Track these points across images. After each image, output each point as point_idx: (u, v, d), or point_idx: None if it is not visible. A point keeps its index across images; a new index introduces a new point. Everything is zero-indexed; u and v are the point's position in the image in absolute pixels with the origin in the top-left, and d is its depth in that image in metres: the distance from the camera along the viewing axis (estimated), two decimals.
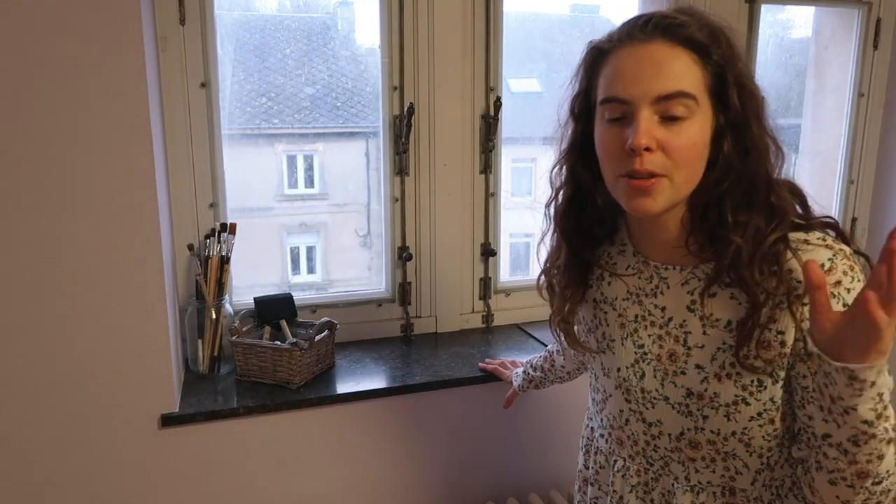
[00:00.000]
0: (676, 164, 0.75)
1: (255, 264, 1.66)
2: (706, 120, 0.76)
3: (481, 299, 1.75)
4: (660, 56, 0.74)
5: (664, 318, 0.86)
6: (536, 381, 1.33)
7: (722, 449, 0.83)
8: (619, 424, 0.93)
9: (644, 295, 0.88)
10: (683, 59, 0.74)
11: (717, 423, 0.82)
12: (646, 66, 0.75)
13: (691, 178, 0.77)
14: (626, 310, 0.90)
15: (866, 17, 1.92)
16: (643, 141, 0.73)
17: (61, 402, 1.20)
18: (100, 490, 1.26)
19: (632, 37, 0.77)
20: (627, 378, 0.90)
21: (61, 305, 1.16)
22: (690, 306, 0.83)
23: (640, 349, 0.88)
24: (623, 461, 0.94)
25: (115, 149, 1.14)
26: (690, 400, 0.83)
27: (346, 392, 1.38)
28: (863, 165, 2.03)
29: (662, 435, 0.87)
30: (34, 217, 1.12)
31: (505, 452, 1.54)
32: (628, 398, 0.90)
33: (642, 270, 0.89)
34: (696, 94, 0.74)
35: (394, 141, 1.59)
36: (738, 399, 0.79)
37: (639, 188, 0.76)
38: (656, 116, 0.74)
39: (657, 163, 0.75)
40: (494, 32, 1.62)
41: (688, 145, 0.74)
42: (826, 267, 0.73)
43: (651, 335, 0.87)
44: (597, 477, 1.00)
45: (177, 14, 1.38)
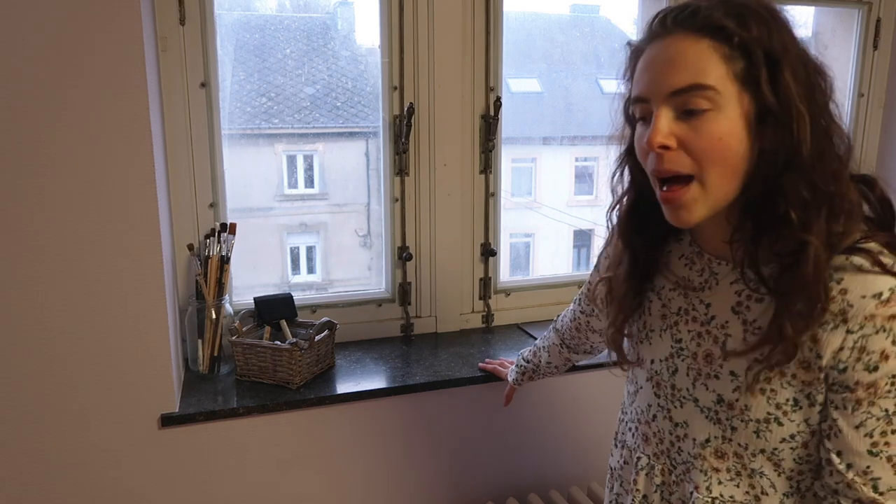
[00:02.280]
0: (702, 163, 0.70)
1: (255, 264, 1.66)
2: (735, 110, 0.69)
3: (481, 299, 1.75)
4: (673, 49, 0.71)
5: (707, 316, 0.81)
6: (529, 371, 1.33)
7: (749, 465, 0.78)
8: (646, 419, 0.89)
9: (691, 288, 0.83)
10: (701, 48, 0.69)
11: (745, 437, 0.77)
12: (660, 61, 0.72)
13: (727, 175, 0.71)
14: (670, 300, 0.86)
15: (866, 17, 1.92)
16: (657, 139, 0.70)
17: (61, 402, 1.20)
18: (100, 490, 1.26)
19: (655, 33, 0.74)
20: (659, 371, 0.86)
21: (61, 305, 1.16)
22: (736, 308, 0.78)
23: (678, 343, 0.84)
24: (647, 458, 0.90)
25: (115, 149, 1.14)
26: (720, 407, 0.78)
27: (346, 392, 1.38)
28: (863, 165, 2.00)
29: (688, 437, 0.83)
30: (34, 217, 1.12)
31: (505, 452, 1.54)
32: (658, 392, 0.87)
33: (695, 262, 0.84)
34: (714, 84, 0.69)
35: (394, 141, 1.59)
36: (771, 417, 0.74)
37: (672, 201, 0.73)
38: (674, 113, 0.71)
39: (680, 162, 0.71)
40: (494, 32, 1.61)
41: (711, 140, 0.69)
42: (885, 297, 0.65)
43: (691, 331, 0.83)
44: (620, 472, 0.96)
45: (177, 14, 1.38)
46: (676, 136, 0.70)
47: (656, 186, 0.76)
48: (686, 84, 0.69)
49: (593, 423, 1.59)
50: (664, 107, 0.71)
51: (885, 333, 0.66)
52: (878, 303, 0.66)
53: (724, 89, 0.69)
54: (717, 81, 0.69)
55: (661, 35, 0.73)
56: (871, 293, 0.66)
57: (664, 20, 0.73)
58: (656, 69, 0.72)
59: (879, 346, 0.66)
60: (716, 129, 0.69)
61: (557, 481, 1.59)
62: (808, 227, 0.68)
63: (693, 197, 0.72)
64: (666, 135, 0.70)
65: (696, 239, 0.85)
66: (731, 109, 0.69)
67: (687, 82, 0.69)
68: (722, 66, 0.69)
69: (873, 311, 0.66)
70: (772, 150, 0.69)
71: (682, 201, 0.72)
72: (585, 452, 1.60)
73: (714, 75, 0.69)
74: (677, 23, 0.72)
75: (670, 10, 0.73)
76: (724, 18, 0.69)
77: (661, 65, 0.72)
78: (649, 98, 0.73)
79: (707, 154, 0.70)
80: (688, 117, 0.70)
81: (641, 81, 0.74)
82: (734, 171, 0.71)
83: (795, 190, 0.68)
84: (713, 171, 0.70)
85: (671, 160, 0.71)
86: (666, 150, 0.71)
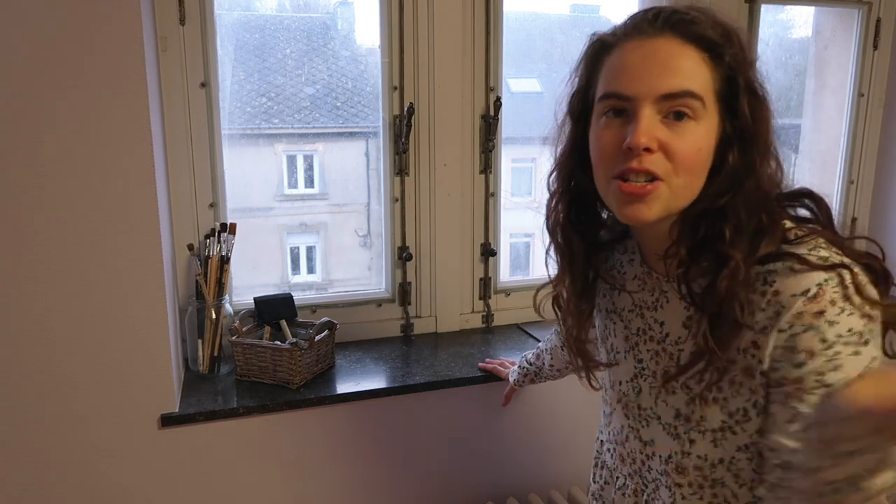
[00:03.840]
0: (677, 169, 0.70)
1: (255, 264, 1.66)
2: (712, 125, 0.71)
3: (481, 299, 1.75)
4: (667, 52, 0.70)
5: (662, 334, 0.82)
6: (532, 374, 1.33)
7: (710, 476, 0.79)
8: (620, 440, 0.91)
9: (646, 308, 0.85)
10: (693, 57, 0.70)
11: (703, 449, 0.78)
12: (652, 61, 0.70)
13: (691, 186, 0.71)
14: (630, 322, 0.87)
15: (866, 17, 1.92)
16: (643, 140, 0.68)
17: (61, 402, 1.20)
18: (100, 490, 1.26)
19: (639, 30, 0.72)
20: (626, 392, 0.88)
21: (61, 305, 1.16)
22: (686, 322, 0.79)
23: (639, 364, 0.86)
24: (624, 479, 0.92)
25: (115, 149, 1.14)
26: (678, 421, 0.80)
27: (346, 392, 1.38)
28: (863, 165, 2.03)
29: (655, 456, 0.84)
30: (34, 217, 1.12)
31: (505, 452, 1.54)
32: (627, 413, 0.88)
33: (646, 281, 0.85)
34: (703, 95, 0.69)
35: (394, 141, 1.59)
36: (725, 426, 0.76)
37: (633, 193, 0.71)
38: (659, 116, 0.70)
39: (657, 164, 0.70)
40: (494, 32, 1.61)
41: (691, 149, 0.69)
42: (811, 293, 0.66)
43: (650, 350, 0.84)
44: (601, 493, 0.98)
45: (177, 14, 1.38)
46: (658, 140, 0.69)
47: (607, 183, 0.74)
48: (679, 89, 0.69)
49: (594, 423, 1.59)
50: (650, 108, 0.69)
51: (812, 331, 0.66)
52: (805, 300, 0.66)
53: (709, 103, 0.70)
54: (704, 92, 0.70)
55: (648, 34, 0.71)
56: (800, 291, 0.67)
57: (654, 20, 0.71)
58: (647, 69, 0.70)
59: (806, 344, 0.66)
60: (697, 139, 0.70)
61: (558, 481, 1.59)
62: (734, 244, 0.70)
63: (657, 195, 0.71)
64: (651, 136, 0.69)
65: (645, 259, 0.85)
66: (709, 123, 0.71)
67: (680, 87, 0.69)
68: (709, 80, 0.70)
69: (801, 309, 0.66)
70: (727, 171, 0.71)
71: (645, 196, 0.70)
72: (586, 452, 1.59)
73: (703, 86, 0.70)
74: (671, 25, 0.71)
75: (660, 10, 0.72)
76: (717, 36, 0.70)
77: (654, 65, 0.70)
78: (633, 96, 0.70)
79: (685, 160, 0.70)
80: (671, 122, 0.70)
81: (623, 78, 0.71)
82: (697, 184, 0.72)
83: (736, 210, 0.70)
84: (684, 177, 0.70)
85: (650, 161, 0.70)
86: (647, 152, 0.69)
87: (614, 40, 0.74)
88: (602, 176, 0.75)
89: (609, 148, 0.73)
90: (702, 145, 0.70)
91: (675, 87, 0.69)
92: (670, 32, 0.70)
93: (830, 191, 2.05)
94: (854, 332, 0.65)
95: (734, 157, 0.71)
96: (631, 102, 0.71)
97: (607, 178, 0.74)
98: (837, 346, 0.65)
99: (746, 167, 0.71)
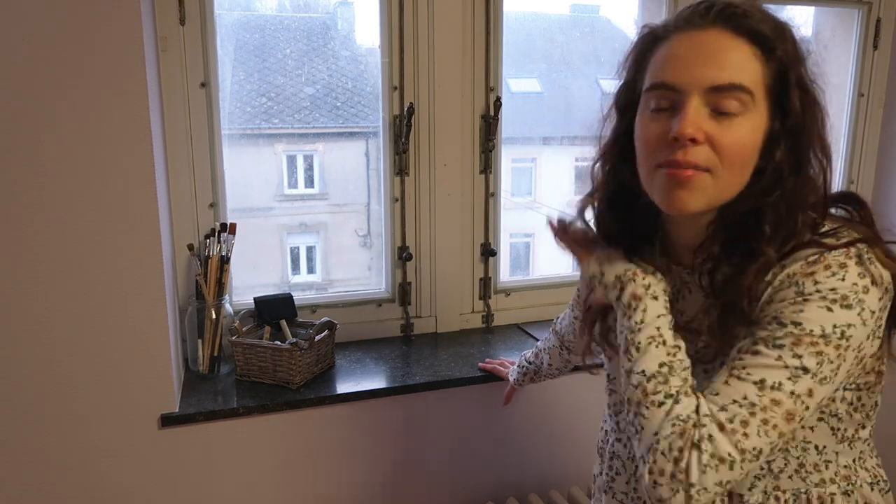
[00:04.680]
0: (723, 162, 0.69)
1: (255, 264, 1.66)
2: (760, 121, 0.70)
3: (481, 299, 1.75)
4: (718, 44, 0.69)
5: (683, 322, 0.82)
6: (531, 373, 1.33)
7: None
8: None
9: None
10: (744, 50, 0.69)
11: None
12: (701, 52, 0.69)
13: (737, 180, 0.71)
14: None
15: (866, 17, 1.92)
16: (689, 130, 0.68)
17: (61, 402, 1.20)
18: (100, 490, 1.26)
19: (690, 23, 0.71)
20: None
21: (61, 305, 1.16)
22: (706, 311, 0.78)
23: None
24: None
25: (115, 149, 1.14)
26: None
27: (346, 392, 1.38)
28: (863, 165, 2.03)
29: None
30: (33, 217, 1.12)
31: (505, 452, 1.54)
32: None
33: (665, 274, 0.83)
34: (753, 89, 0.68)
35: (394, 141, 1.59)
36: None
37: (678, 178, 0.70)
38: (707, 108, 0.69)
39: (702, 156, 0.69)
40: (494, 32, 1.61)
41: (738, 143, 0.69)
42: (811, 259, 0.67)
43: None
44: (612, 484, 0.95)
45: (177, 14, 1.38)
46: (705, 131, 0.69)
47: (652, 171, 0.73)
48: (727, 82, 0.68)
49: (594, 423, 1.58)
50: (698, 100, 0.69)
51: (794, 287, 0.67)
52: (803, 263, 0.68)
53: (758, 98, 0.69)
54: (754, 87, 0.69)
55: (699, 26, 0.70)
56: (803, 258, 0.68)
57: (706, 12, 0.70)
58: (696, 60, 0.69)
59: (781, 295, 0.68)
60: (743, 134, 0.69)
61: (558, 481, 1.59)
62: (770, 241, 0.70)
63: (702, 185, 0.70)
64: (697, 127, 0.68)
65: (667, 252, 0.85)
66: (758, 118, 0.70)
67: (728, 80, 0.68)
68: (759, 74, 0.69)
69: (796, 270, 0.68)
70: (774, 171, 0.70)
71: (690, 182, 0.70)
72: (586, 452, 1.60)
73: (753, 81, 0.69)
74: (723, 18, 0.70)
75: (713, 2, 0.71)
76: (769, 30, 0.69)
77: (703, 57, 0.69)
78: (682, 87, 0.69)
79: (732, 154, 0.69)
80: (719, 115, 0.69)
81: (672, 69, 0.71)
82: (742, 180, 0.72)
83: (778, 209, 0.70)
84: (730, 171, 0.70)
85: (695, 153, 0.69)
86: (693, 143, 0.69)
87: (665, 33, 0.74)
88: (646, 166, 0.74)
89: (654, 138, 0.72)
90: (749, 140, 0.69)
91: (724, 79, 0.68)
92: (722, 25, 0.69)
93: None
94: (837, 291, 0.66)
95: (782, 155, 0.70)
96: (678, 93, 0.70)
97: (651, 167, 0.73)
98: (810, 298, 0.66)
99: (794, 165, 0.70)
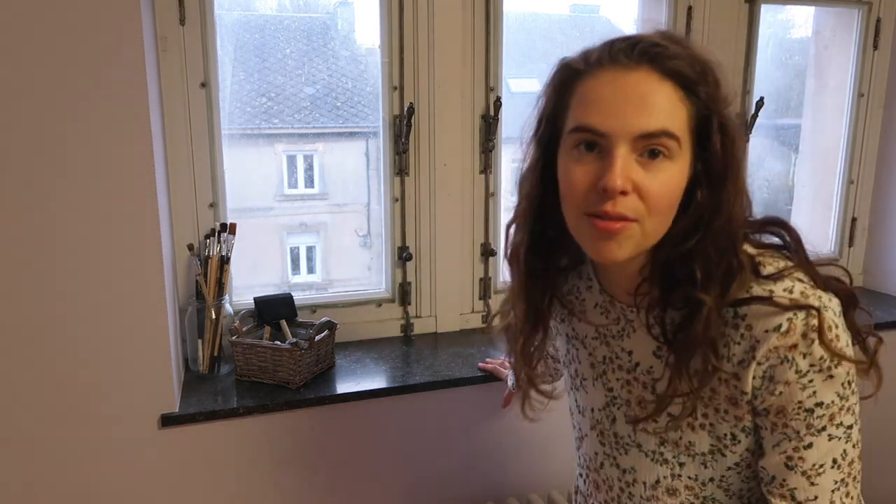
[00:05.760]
0: (650, 210, 0.68)
1: (255, 264, 1.66)
2: (685, 164, 0.69)
3: (481, 299, 1.75)
4: (645, 88, 0.66)
5: (631, 363, 0.81)
6: None
7: (700, 493, 0.79)
8: (594, 467, 0.89)
9: (611, 336, 0.83)
10: (669, 94, 0.67)
11: (693, 470, 0.78)
12: (629, 97, 0.66)
13: (662, 225, 0.70)
14: (594, 349, 0.86)
15: (866, 17, 1.92)
16: (619, 183, 0.65)
17: (61, 402, 1.20)
18: (100, 490, 1.26)
19: (614, 60, 0.68)
20: (601, 420, 0.86)
21: (61, 305, 1.16)
22: (657, 352, 0.78)
23: (610, 392, 0.84)
24: None
25: (115, 149, 1.14)
26: (665, 448, 0.79)
27: (346, 392, 1.38)
28: (863, 165, 2.03)
29: (637, 482, 0.83)
30: (33, 217, 1.12)
31: (505, 452, 1.54)
32: (602, 441, 0.87)
33: (609, 310, 0.83)
34: (679, 135, 0.67)
35: (394, 141, 1.59)
36: (715, 449, 0.76)
37: (606, 230, 0.68)
38: (634, 154, 0.67)
39: (630, 206, 0.67)
40: (494, 32, 1.61)
41: (665, 190, 0.67)
42: (784, 328, 0.67)
43: (619, 379, 0.83)
44: None
45: (177, 14, 1.38)
46: (633, 181, 0.67)
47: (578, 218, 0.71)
48: (657, 129, 0.66)
49: None
50: (625, 147, 0.66)
51: (787, 364, 0.68)
52: (778, 335, 0.68)
53: (684, 142, 0.68)
54: (681, 132, 0.67)
55: (624, 65, 0.68)
56: (773, 327, 0.68)
57: (630, 50, 0.68)
58: (625, 105, 0.67)
59: (783, 376, 0.69)
60: (670, 179, 0.68)
61: (558, 481, 1.59)
62: (706, 287, 0.69)
63: (630, 235, 0.69)
64: (626, 178, 0.66)
65: (605, 288, 0.84)
66: (683, 162, 0.69)
67: (658, 127, 0.66)
68: (685, 118, 0.68)
69: (776, 343, 0.68)
70: (694, 212, 0.69)
71: (618, 235, 0.68)
72: None
73: (680, 125, 0.67)
74: (648, 58, 0.67)
75: (638, 40, 0.69)
76: (695, 72, 0.68)
77: (632, 102, 0.67)
78: (610, 133, 0.67)
79: (658, 201, 0.68)
80: (646, 161, 0.67)
81: (598, 113, 0.68)
82: (667, 223, 0.70)
83: (705, 251, 0.69)
84: (657, 218, 0.69)
85: (624, 205, 0.67)
86: (622, 195, 0.67)
87: (586, 67, 0.70)
88: (573, 212, 0.72)
89: (581, 185, 0.69)
90: (673, 185, 0.68)
91: (653, 127, 0.66)
92: (648, 66, 0.67)
93: (830, 191, 2.06)
94: (825, 359, 0.68)
95: (703, 196, 0.69)
96: (605, 139, 0.67)
97: (578, 215, 0.71)
98: (811, 375, 0.68)
99: (715, 206, 0.69)
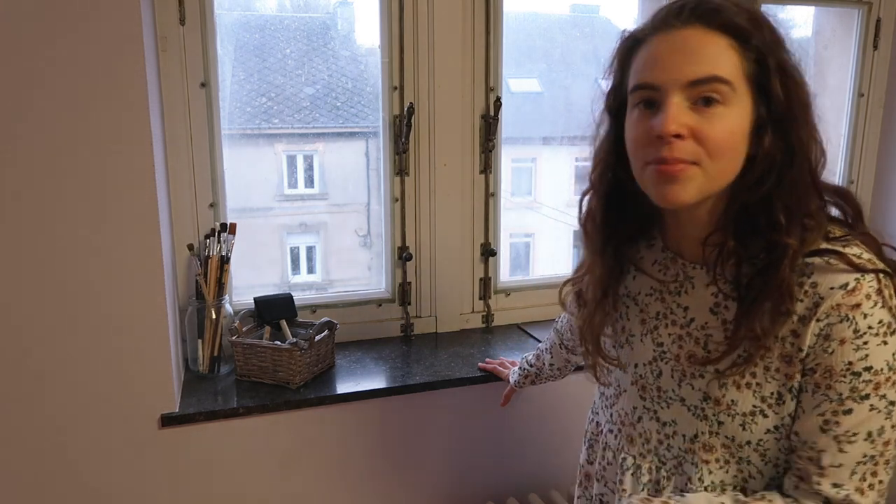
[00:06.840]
0: (710, 153, 0.71)
1: (255, 264, 1.66)
2: (745, 109, 0.72)
3: (481, 299, 1.75)
4: (693, 41, 0.71)
5: (686, 319, 0.83)
6: (532, 375, 1.33)
7: (736, 454, 0.81)
8: (630, 421, 0.91)
9: (668, 292, 0.86)
10: (719, 43, 0.71)
11: (731, 430, 0.79)
12: (678, 50, 0.72)
13: (727, 169, 0.73)
14: (647, 305, 0.88)
15: (866, 17, 1.92)
16: (672, 127, 0.70)
17: (61, 402, 1.20)
18: (100, 490, 1.26)
19: (666, 23, 0.73)
20: (644, 375, 0.88)
21: (61, 305, 1.16)
22: (714, 308, 0.80)
23: (660, 347, 0.86)
24: (633, 458, 0.91)
25: (114, 149, 1.14)
26: (707, 404, 0.81)
27: (346, 392, 1.38)
28: (863, 165, 2.03)
29: (676, 435, 0.85)
30: (34, 217, 1.12)
31: (505, 452, 1.54)
32: (643, 395, 0.88)
33: (669, 267, 0.86)
34: (731, 79, 0.70)
35: (394, 141, 1.59)
36: (756, 410, 0.77)
37: (666, 174, 0.72)
38: (688, 102, 0.71)
39: (688, 150, 0.71)
40: (494, 32, 1.61)
41: (723, 133, 0.71)
42: (850, 287, 0.69)
43: (671, 334, 0.85)
44: (603, 473, 0.98)
45: (177, 14, 1.38)
46: (688, 126, 0.71)
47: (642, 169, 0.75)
48: (705, 75, 0.70)
49: None
50: (678, 96, 0.71)
51: (847, 322, 0.70)
52: (843, 293, 0.69)
53: (739, 87, 0.71)
54: (733, 77, 0.70)
55: (674, 26, 0.73)
56: (839, 284, 0.70)
57: (679, 12, 0.73)
58: (673, 58, 0.72)
59: (840, 334, 0.70)
60: (728, 123, 0.71)
61: (558, 481, 1.59)
62: (789, 231, 0.71)
63: (691, 176, 0.72)
64: (679, 123, 0.70)
65: (669, 244, 0.87)
66: (741, 107, 0.71)
67: (706, 73, 0.70)
68: (738, 64, 0.71)
69: (839, 301, 0.70)
70: (765, 157, 0.72)
71: (680, 175, 0.72)
72: None
73: (731, 71, 0.71)
74: (696, 16, 0.72)
75: (685, 3, 0.73)
76: (744, 22, 0.71)
77: (680, 54, 0.71)
78: (661, 86, 0.72)
79: (717, 145, 0.71)
80: (701, 108, 0.71)
81: (651, 68, 0.73)
82: (733, 168, 0.73)
83: (785, 197, 0.72)
84: (718, 162, 0.72)
85: (681, 149, 0.71)
86: (677, 139, 0.71)
87: (643, 35, 0.76)
88: (637, 163, 0.77)
89: (642, 137, 0.74)
90: (733, 129, 0.71)
91: (702, 73, 0.70)
92: (696, 23, 0.72)
93: None
94: (883, 323, 0.69)
95: (769, 141, 0.72)
96: (659, 92, 0.72)
97: (642, 165, 0.75)
98: (867, 336, 0.69)
99: (786, 150, 0.72)
